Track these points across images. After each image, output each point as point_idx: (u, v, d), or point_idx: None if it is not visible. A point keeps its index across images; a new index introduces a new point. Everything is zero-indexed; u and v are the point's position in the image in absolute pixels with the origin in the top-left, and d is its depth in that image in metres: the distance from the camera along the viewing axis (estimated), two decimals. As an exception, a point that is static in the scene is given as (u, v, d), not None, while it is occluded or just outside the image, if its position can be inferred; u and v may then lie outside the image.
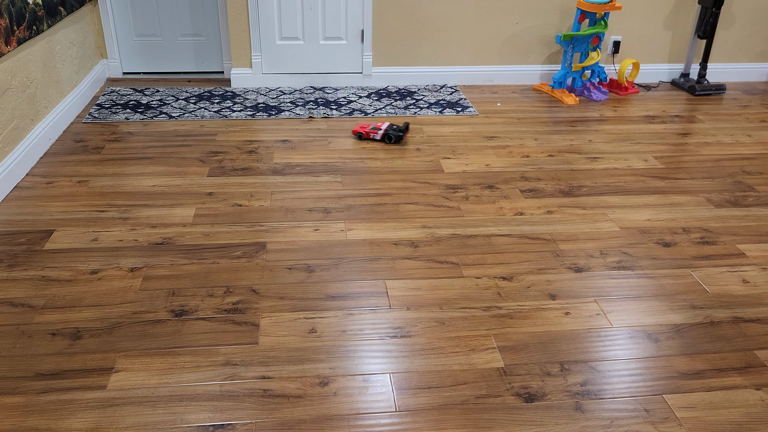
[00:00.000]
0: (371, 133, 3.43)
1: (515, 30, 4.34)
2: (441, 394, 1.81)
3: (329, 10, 4.16)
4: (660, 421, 1.73)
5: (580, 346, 2.00)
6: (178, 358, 1.91)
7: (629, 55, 4.48)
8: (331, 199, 2.87)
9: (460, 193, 2.95)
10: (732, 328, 2.09)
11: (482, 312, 2.15)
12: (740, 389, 1.84)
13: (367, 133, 3.45)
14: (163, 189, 2.92)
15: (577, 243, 2.56)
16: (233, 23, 4.12)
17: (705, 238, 2.62)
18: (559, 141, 3.55)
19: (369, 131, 3.43)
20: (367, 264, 2.40)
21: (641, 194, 2.97)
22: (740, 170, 3.24)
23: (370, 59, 4.31)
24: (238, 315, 2.10)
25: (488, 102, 4.15)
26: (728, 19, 4.45)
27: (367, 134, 3.45)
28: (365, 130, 3.44)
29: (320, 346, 1.98)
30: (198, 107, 3.91)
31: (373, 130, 3.39)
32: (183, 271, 2.32)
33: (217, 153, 3.31)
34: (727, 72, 4.62)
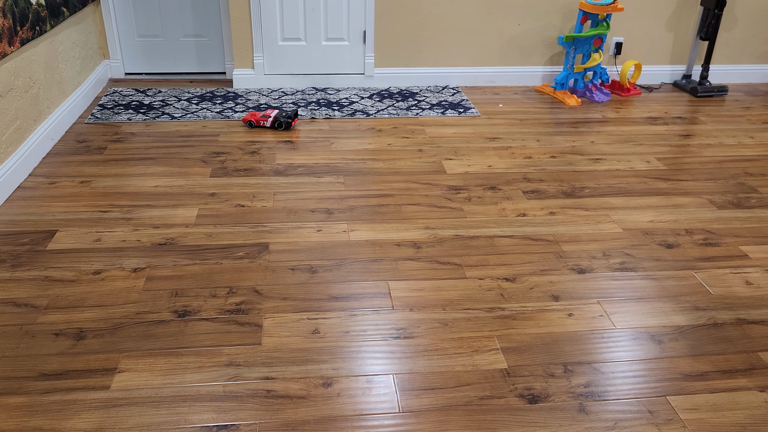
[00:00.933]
0: (261, 121, 3.53)
1: (517, 31, 4.34)
2: (444, 395, 1.81)
3: (331, 11, 4.16)
4: (664, 422, 1.72)
5: (584, 348, 2.00)
6: (181, 358, 1.91)
7: (631, 56, 4.48)
8: (334, 199, 2.87)
9: (463, 194, 2.95)
10: (735, 329, 2.09)
11: (485, 313, 2.15)
12: (744, 391, 1.83)
13: (257, 121, 3.54)
14: (166, 189, 2.92)
15: (580, 244, 2.56)
16: (235, 24, 4.12)
17: (708, 239, 2.62)
18: (561, 142, 3.55)
19: (259, 119, 3.53)
20: (369, 265, 2.40)
21: (644, 195, 2.97)
22: (743, 172, 3.24)
23: (372, 60, 4.32)
24: (241, 316, 2.10)
25: (490, 103, 4.15)
26: (730, 21, 4.45)
27: (257, 122, 3.55)
28: (255, 118, 3.54)
29: (323, 347, 1.98)
30: (200, 108, 3.91)
31: (263, 117, 3.51)
32: (186, 271, 2.32)
33: (219, 154, 3.31)
34: (729, 73, 4.62)
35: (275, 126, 3.41)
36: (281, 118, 3.39)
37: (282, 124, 3.41)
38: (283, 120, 3.41)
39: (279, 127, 3.38)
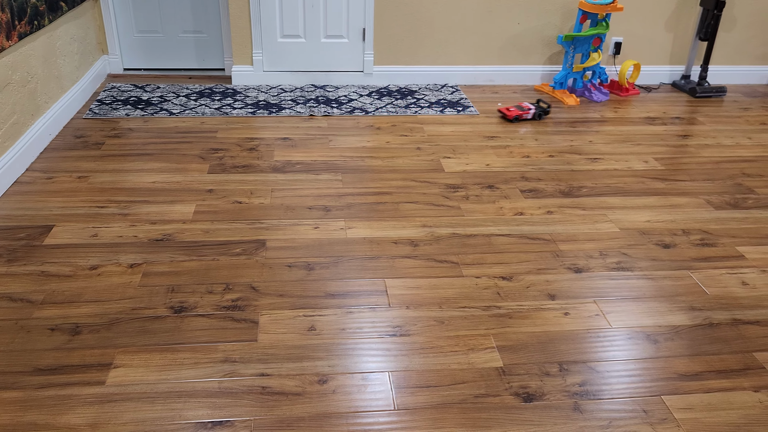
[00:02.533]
0: (523, 114, 3.79)
1: (517, 30, 4.34)
2: (440, 393, 1.81)
3: (331, 8, 4.16)
4: (658, 422, 1.73)
5: (579, 347, 2.00)
6: (177, 354, 1.91)
7: (630, 56, 4.48)
8: (332, 197, 2.87)
9: (461, 192, 2.95)
10: (731, 329, 2.09)
11: (481, 311, 2.15)
12: (739, 391, 1.84)
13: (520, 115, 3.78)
14: (163, 185, 2.92)
15: (577, 243, 2.56)
16: (235, 20, 4.11)
17: (704, 239, 2.62)
18: (559, 141, 3.55)
19: (521, 113, 3.78)
20: (366, 262, 2.40)
21: (641, 195, 2.97)
22: (740, 172, 3.24)
23: (371, 58, 4.31)
24: (238, 312, 2.10)
25: (489, 102, 4.15)
26: (729, 22, 4.45)
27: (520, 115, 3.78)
28: (516, 113, 3.77)
29: (319, 344, 1.98)
30: (199, 104, 3.91)
31: (523, 111, 3.79)
32: (182, 267, 2.32)
33: (217, 150, 3.30)
34: (728, 74, 4.62)
35: (535, 117, 3.81)
36: (539, 111, 3.82)
37: (541, 115, 3.83)
38: (542, 112, 3.83)
39: (539, 117, 3.82)
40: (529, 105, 3.83)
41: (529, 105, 3.83)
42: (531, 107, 3.80)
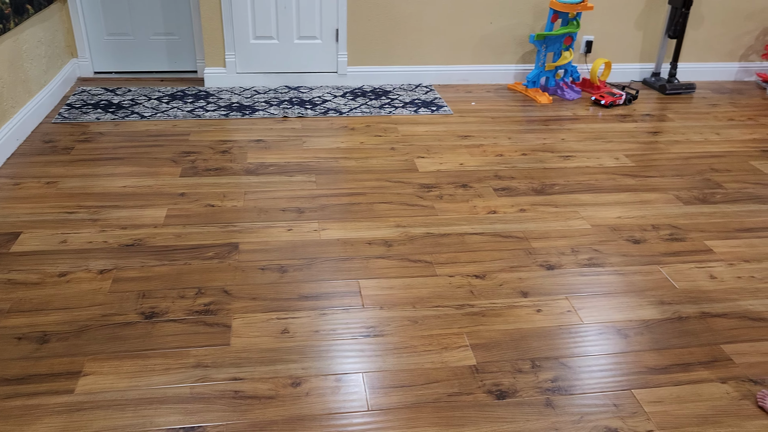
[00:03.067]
0: (617, 99, 4.07)
1: (489, 30, 4.37)
2: (413, 392, 1.81)
3: (303, 9, 4.14)
4: (629, 415, 1.75)
5: (551, 343, 2.02)
6: (148, 360, 1.89)
7: (601, 54, 4.53)
8: (305, 198, 2.86)
9: (434, 192, 2.96)
10: (699, 323, 2.13)
11: (455, 310, 2.16)
12: (707, 383, 1.87)
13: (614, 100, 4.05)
14: (134, 190, 2.88)
15: (549, 241, 2.58)
16: (206, 22, 4.08)
17: (674, 234, 2.66)
18: (532, 140, 3.58)
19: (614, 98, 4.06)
20: (340, 264, 2.39)
21: (612, 192, 3.00)
22: (709, 168, 3.29)
23: (345, 58, 4.31)
24: (210, 316, 2.09)
25: (463, 101, 4.16)
26: (697, 20, 4.52)
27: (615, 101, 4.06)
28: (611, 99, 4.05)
29: (293, 347, 1.97)
30: (171, 107, 3.87)
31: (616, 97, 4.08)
32: (154, 272, 2.30)
33: (189, 153, 3.28)
34: (697, 71, 4.69)
35: (626, 102, 4.11)
36: (629, 96, 4.13)
37: (631, 100, 4.13)
38: (631, 97, 4.14)
39: (629, 102, 4.11)
40: (620, 92, 4.14)
41: (619, 92, 4.13)
42: (622, 93, 4.09)
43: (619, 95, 4.06)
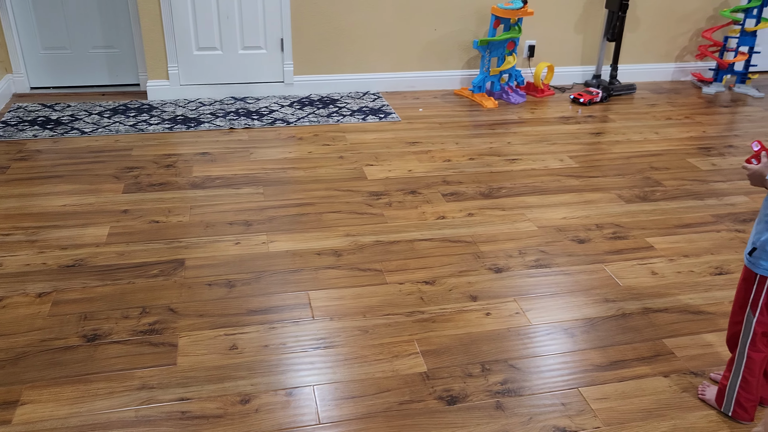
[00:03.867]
0: (594, 97, 4.28)
1: (434, 36, 4.41)
2: (365, 403, 1.80)
3: (247, 19, 4.10)
4: (576, 414, 1.78)
5: (501, 346, 2.04)
6: (90, 385, 1.83)
7: (544, 58, 4.62)
8: (253, 211, 2.83)
9: (384, 199, 2.97)
10: (642, 318, 2.18)
11: (405, 317, 2.16)
12: (650, 377, 1.92)
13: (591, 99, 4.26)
14: (75, 208, 2.80)
15: (497, 244, 2.62)
16: (147, 34, 4.00)
17: (617, 233, 2.72)
18: (479, 144, 3.63)
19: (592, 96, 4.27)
20: (289, 276, 2.37)
21: (557, 193, 3.06)
22: (648, 166, 3.39)
23: (291, 68, 4.28)
24: (155, 336, 2.04)
25: (410, 108, 4.19)
26: (634, 23, 4.67)
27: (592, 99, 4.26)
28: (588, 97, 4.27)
29: (241, 363, 1.94)
30: (112, 122, 3.78)
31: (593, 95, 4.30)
32: (96, 293, 2.23)
33: (132, 168, 3.20)
34: (636, 72, 4.83)
35: (602, 100, 4.33)
36: (605, 93, 4.36)
37: (606, 97, 4.35)
38: (608, 94, 4.39)
39: (605, 100, 4.34)
40: (597, 90, 4.35)
41: (596, 90, 4.35)
42: (598, 92, 4.31)
43: (596, 93, 4.29)
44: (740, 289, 1.71)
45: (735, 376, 1.74)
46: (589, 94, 4.28)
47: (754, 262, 1.64)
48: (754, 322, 1.67)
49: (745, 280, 1.69)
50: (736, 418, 1.78)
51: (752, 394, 1.74)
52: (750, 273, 1.66)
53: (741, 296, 1.70)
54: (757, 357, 1.69)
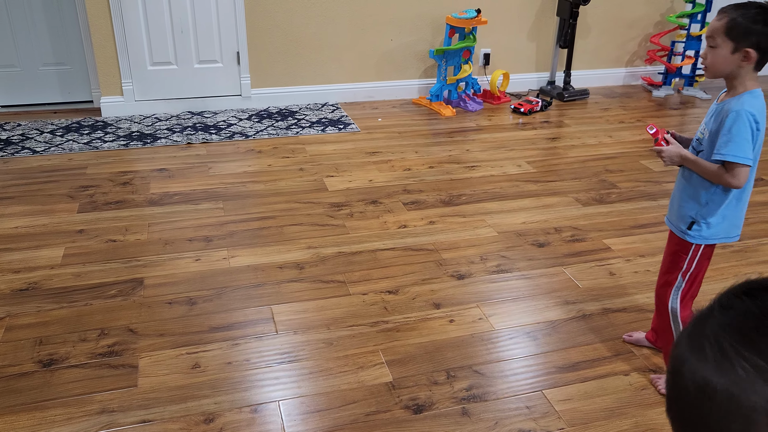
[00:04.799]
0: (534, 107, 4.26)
1: (390, 46, 4.44)
2: (331, 415, 1.79)
3: (201, 32, 4.07)
4: (541, 416, 1.80)
5: (465, 352, 2.06)
6: (47, 412, 1.78)
7: (499, 66, 4.70)
8: (213, 226, 2.79)
9: (345, 210, 2.97)
10: (602, 319, 2.23)
11: (369, 328, 2.16)
12: (611, 377, 1.95)
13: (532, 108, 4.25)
14: (27, 230, 2.73)
15: (459, 251, 2.64)
16: (99, 50, 3.94)
17: (575, 235, 2.78)
18: (438, 152, 3.66)
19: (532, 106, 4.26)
20: (251, 291, 2.35)
21: (516, 198, 3.11)
22: (604, 169, 3.47)
23: (248, 81, 4.26)
24: (115, 358, 1.99)
25: (369, 118, 4.21)
26: (585, 30, 4.78)
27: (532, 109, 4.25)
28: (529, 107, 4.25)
29: (204, 382, 1.91)
30: (65, 140, 3.70)
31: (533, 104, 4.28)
32: (51, 317, 2.17)
33: (87, 187, 3.13)
34: (589, 78, 4.95)
35: (542, 108, 4.31)
36: (545, 102, 4.36)
37: (546, 106, 4.35)
38: (547, 104, 4.37)
39: (545, 108, 4.32)
40: (536, 99, 4.33)
41: (535, 99, 4.32)
42: (538, 101, 4.30)
43: (535, 102, 4.29)
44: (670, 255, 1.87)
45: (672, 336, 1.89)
46: (529, 104, 4.28)
47: (695, 234, 1.78)
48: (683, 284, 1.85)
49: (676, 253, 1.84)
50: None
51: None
52: (684, 244, 1.80)
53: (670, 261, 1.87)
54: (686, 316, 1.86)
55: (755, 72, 1.64)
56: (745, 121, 1.61)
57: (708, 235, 1.77)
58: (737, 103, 1.63)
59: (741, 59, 1.61)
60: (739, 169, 1.64)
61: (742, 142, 1.62)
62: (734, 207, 1.73)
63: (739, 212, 1.75)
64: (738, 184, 1.66)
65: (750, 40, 1.59)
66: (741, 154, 1.62)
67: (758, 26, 1.57)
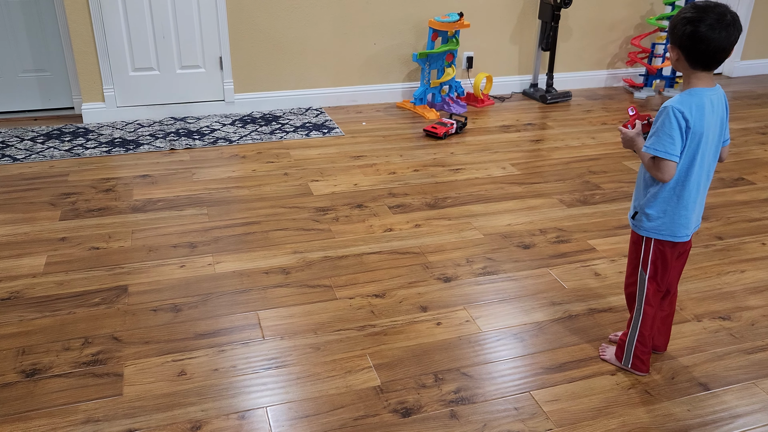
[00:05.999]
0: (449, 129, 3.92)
1: (374, 50, 4.44)
2: (319, 421, 1.79)
3: (183, 38, 4.05)
4: (529, 417, 1.81)
5: (453, 354, 2.06)
6: (30, 422, 1.75)
7: (482, 69, 4.72)
8: (197, 232, 2.77)
9: (330, 214, 2.96)
10: (588, 319, 2.24)
11: (357, 332, 2.15)
12: (598, 377, 1.96)
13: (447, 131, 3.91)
14: (8, 239, 2.69)
15: (445, 253, 2.64)
16: (79, 56, 3.90)
17: (560, 237, 2.79)
18: (423, 155, 3.66)
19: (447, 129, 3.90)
20: (237, 296, 2.33)
21: (501, 201, 3.12)
22: (587, 171, 3.50)
23: (231, 86, 4.24)
24: (99, 367, 1.97)
25: (353, 122, 4.20)
26: (566, 32, 4.82)
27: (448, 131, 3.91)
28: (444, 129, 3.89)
29: (191, 389, 1.89)
30: (46, 147, 3.65)
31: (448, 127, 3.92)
32: (34, 326, 2.14)
33: (69, 194, 3.10)
34: (571, 80, 4.99)
35: (458, 131, 3.98)
36: (460, 123, 4.01)
37: (461, 127, 4.01)
38: (462, 125, 4.02)
39: (460, 130, 3.99)
40: (449, 120, 3.98)
41: (450, 121, 3.97)
42: (452, 122, 3.96)
43: (450, 124, 3.93)
44: (631, 251, 1.93)
45: (633, 331, 1.92)
46: (444, 126, 3.91)
47: (638, 224, 1.84)
48: (646, 279, 1.86)
49: (634, 243, 1.90)
50: (634, 370, 1.96)
51: (646, 346, 1.92)
52: (637, 236, 1.86)
53: (632, 258, 1.92)
54: (650, 311, 1.88)
55: (703, 71, 1.67)
56: (670, 117, 1.65)
57: (649, 228, 1.81)
58: (670, 100, 1.69)
59: (675, 58, 1.68)
60: (663, 162, 1.69)
61: (664, 137, 1.67)
62: (675, 204, 1.76)
63: (682, 211, 1.77)
64: (662, 178, 1.72)
65: (675, 39, 1.66)
66: (661, 148, 1.67)
67: (681, 26, 1.63)
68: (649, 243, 1.83)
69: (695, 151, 1.69)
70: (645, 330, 1.90)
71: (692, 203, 1.77)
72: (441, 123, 3.95)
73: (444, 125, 3.92)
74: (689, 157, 1.70)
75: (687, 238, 1.82)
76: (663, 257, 1.82)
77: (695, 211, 1.80)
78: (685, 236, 1.81)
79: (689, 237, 1.82)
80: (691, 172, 1.72)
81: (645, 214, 1.80)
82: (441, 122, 3.96)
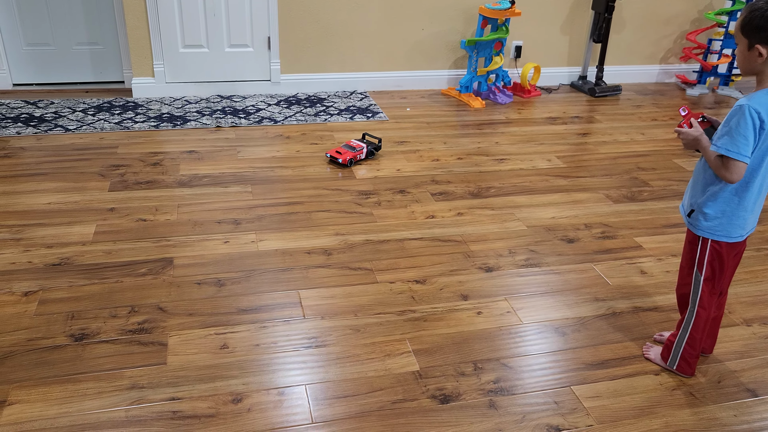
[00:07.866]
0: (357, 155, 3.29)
1: (421, 36, 4.41)
2: (357, 402, 1.80)
3: (233, 16, 4.07)
4: (569, 412, 1.78)
5: (492, 344, 2.04)
6: (79, 385, 1.80)
7: (531, 59, 4.64)
8: (241, 209, 2.80)
9: (372, 198, 2.96)
10: (632, 317, 2.20)
11: (396, 317, 2.15)
12: (641, 376, 1.93)
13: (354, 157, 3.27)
14: (60, 206, 2.76)
15: (487, 243, 2.62)
16: (132, 31, 3.96)
17: (605, 232, 2.74)
18: (467, 144, 3.63)
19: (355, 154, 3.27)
20: (279, 275, 2.36)
21: (546, 193, 3.07)
22: (635, 167, 3.42)
23: (278, 66, 4.26)
24: (145, 335, 2.01)
25: (398, 107, 4.19)
26: (620, 24, 4.71)
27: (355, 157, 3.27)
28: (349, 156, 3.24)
29: (232, 362, 1.92)
30: (97, 119, 3.73)
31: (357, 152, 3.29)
32: (83, 292, 2.20)
33: (118, 166, 3.16)
34: (621, 74, 4.87)
35: (368, 156, 3.37)
36: (371, 147, 3.39)
37: (373, 152, 3.40)
38: (374, 148, 3.41)
39: (372, 155, 3.39)
40: (359, 143, 3.35)
41: (358, 143, 3.35)
42: (362, 146, 3.32)
43: (359, 149, 3.30)
44: (686, 251, 1.87)
45: (683, 332, 1.87)
46: (351, 151, 3.26)
47: (694, 224, 1.79)
48: (701, 281, 1.80)
49: (690, 243, 1.84)
50: (679, 372, 1.91)
51: (696, 349, 1.87)
52: (694, 235, 1.81)
53: (687, 258, 1.86)
54: (703, 314, 1.83)
55: None
56: (746, 116, 1.58)
57: (705, 228, 1.76)
58: (746, 98, 1.61)
59: (756, 56, 1.60)
60: (733, 163, 1.62)
61: (738, 137, 1.60)
62: (736, 205, 1.71)
63: (741, 212, 1.71)
64: (731, 179, 1.65)
65: (760, 36, 1.57)
66: (734, 149, 1.61)
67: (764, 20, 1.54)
68: (705, 243, 1.78)
69: (765, 152, 1.63)
70: (696, 333, 1.85)
71: (752, 204, 1.71)
72: (349, 147, 3.30)
73: (352, 149, 3.28)
74: (758, 159, 1.64)
75: (741, 238, 1.77)
76: (720, 258, 1.77)
77: (753, 212, 1.74)
78: (739, 237, 1.76)
79: (744, 237, 1.77)
80: (756, 174, 1.66)
81: (702, 213, 1.75)
82: (349, 145, 3.32)
